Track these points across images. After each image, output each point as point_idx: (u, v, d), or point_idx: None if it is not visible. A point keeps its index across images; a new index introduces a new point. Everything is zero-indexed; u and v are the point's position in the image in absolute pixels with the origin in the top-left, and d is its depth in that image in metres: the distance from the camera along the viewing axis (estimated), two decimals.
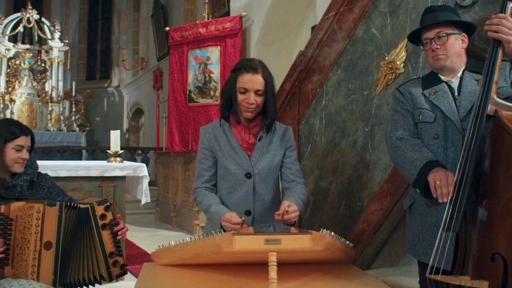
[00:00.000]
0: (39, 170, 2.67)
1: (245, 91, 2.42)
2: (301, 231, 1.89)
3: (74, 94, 14.34)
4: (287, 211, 2.27)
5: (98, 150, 12.27)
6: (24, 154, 2.47)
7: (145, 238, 6.91)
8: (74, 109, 14.41)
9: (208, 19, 7.63)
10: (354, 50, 3.47)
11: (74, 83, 14.61)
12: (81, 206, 2.38)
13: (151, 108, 12.37)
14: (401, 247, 3.79)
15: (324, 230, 1.90)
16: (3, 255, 2.22)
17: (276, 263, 1.77)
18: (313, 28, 6.91)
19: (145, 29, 14.29)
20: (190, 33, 7.54)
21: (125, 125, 15.11)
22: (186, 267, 2.12)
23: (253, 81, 2.41)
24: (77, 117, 14.40)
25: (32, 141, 2.55)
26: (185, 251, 1.99)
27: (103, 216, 2.38)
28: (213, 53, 7.32)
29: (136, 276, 4.85)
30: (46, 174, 2.72)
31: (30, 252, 2.22)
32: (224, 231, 2.05)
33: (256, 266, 2.09)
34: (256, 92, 2.42)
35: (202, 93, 7.34)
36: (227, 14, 7.88)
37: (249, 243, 1.79)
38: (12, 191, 2.44)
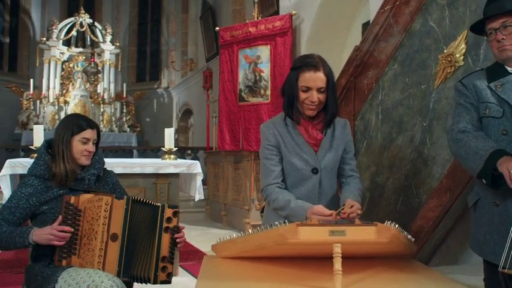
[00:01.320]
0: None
1: (307, 89, 2.41)
2: (366, 222, 1.86)
3: (124, 95, 14.64)
4: (352, 207, 2.28)
5: (148, 150, 12.50)
6: (90, 147, 2.53)
7: (196, 236, 6.97)
8: (124, 110, 14.71)
9: (257, 18, 7.64)
10: (410, 44, 3.41)
11: (124, 84, 14.92)
12: (153, 203, 2.43)
13: (201, 109, 12.48)
14: (459, 245, 3.70)
15: (389, 222, 1.88)
16: (69, 234, 2.28)
17: (340, 255, 1.75)
18: (364, 25, 6.84)
19: (193, 31, 14.44)
20: (240, 33, 7.57)
21: (174, 126, 15.30)
22: (245, 260, 2.12)
23: (315, 79, 2.39)
24: (127, 118, 14.69)
25: (98, 135, 2.61)
26: (247, 243, 1.99)
27: (169, 220, 2.42)
28: (263, 52, 7.32)
29: (190, 272, 4.96)
30: (111, 171, 2.79)
31: (97, 243, 2.28)
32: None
33: (317, 259, 2.08)
34: (319, 90, 2.40)
35: (252, 92, 7.36)
36: (276, 13, 7.88)
37: (313, 234, 1.77)
38: (81, 183, 2.51)
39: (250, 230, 2.00)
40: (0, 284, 4.55)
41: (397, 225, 1.89)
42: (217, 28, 8.11)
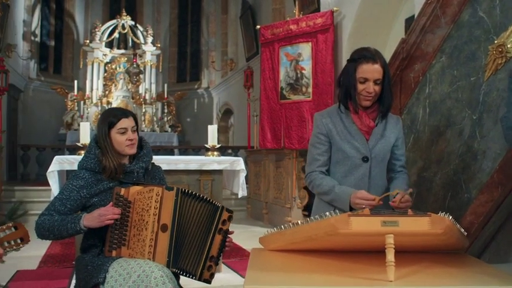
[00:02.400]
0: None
1: (365, 80, 2.47)
2: (419, 213, 1.82)
3: (166, 96, 14.80)
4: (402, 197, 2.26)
5: (189, 149, 12.60)
6: (130, 135, 2.56)
7: (238, 234, 6.91)
8: (166, 110, 14.87)
9: (298, 16, 7.60)
10: (459, 35, 3.32)
11: (165, 85, 15.08)
12: (207, 199, 2.45)
13: (241, 108, 12.51)
14: (510, 243, 3.59)
15: (442, 214, 1.83)
16: (118, 216, 2.32)
17: (393, 246, 1.72)
18: (407, 20, 6.73)
19: (233, 31, 14.49)
20: (281, 31, 7.54)
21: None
22: (293, 253, 2.11)
23: (372, 71, 2.45)
24: (169, 118, 14.84)
25: (136, 122, 2.63)
26: (296, 234, 1.97)
27: (224, 222, 2.45)
28: (305, 50, 7.28)
29: (232, 269, 4.97)
30: (159, 166, 2.83)
31: (148, 233, 2.30)
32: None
33: (365, 253, 2.04)
34: (375, 81, 2.46)
35: (294, 90, 7.33)
36: (316, 10, 7.82)
37: (365, 225, 1.74)
38: (130, 176, 2.55)
39: (299, 221, 1.97)
40: (49, 277, 4.66)
41: (450, 217, 1.85)
42: (258, 26, 8.10)
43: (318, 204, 2.66)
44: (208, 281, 2.45)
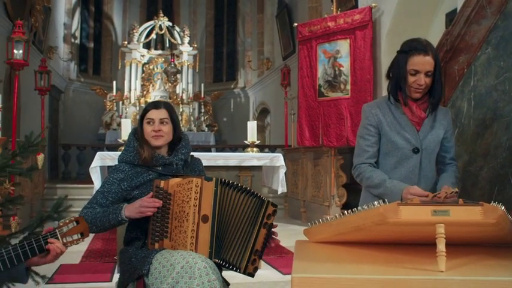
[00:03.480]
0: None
1: (416, 73, 2.43)
2: (470, 202, 1.77)
3: (202, 96, 14.90)
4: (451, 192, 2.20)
5: (226, 148, 12.65)
6: (156, 126, 2.57)
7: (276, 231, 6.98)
8: (202, 110, 14.98)
9: (336, 13, 7.54)
10: (505, 26, 3.23)
11: (202, 85, 15.19)
12: (252, 191, 2.43)
13: (278, 107, 12.50)
14: None
15: (495, 203, 1.77)
16: (159, 205, 2.33)
17: (444, 235, 1.67)
18: (448, 14, 6.60)
19: (269, 30, 14.49)
20: (319, 28, 7.50)
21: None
22: (338, 244, 2.07)
23: (424, 62, 2.41)
24: (205, 117, 14.94)
25: (170, 115, 2.64)
26: (344, 225, 1.94)
27: (269, 216, 2.42)
28: (343, 46, 7.22)
29: (271, 265, 4.96)
30: (198, 159, 2.83)
31: (189, 224, 2.29)
32: None
33: (413, 245, 2.00)
34: (427, 73, 2.43)
35: (332, 87, 7.27)
36: (354, 7, 7.75)
37: (415, 214, 1.70)
38: (169, 168, 2.56)
39: (346, 212, 1.95)
40: (91, 271, 4.74)
41: (503, 207, 1.79)
42: (295, 24, 8.08)
43: (365, 197, 2.63)
44: (252, 275, 2.44)
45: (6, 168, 3.26)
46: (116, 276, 4.52)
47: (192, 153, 2.79)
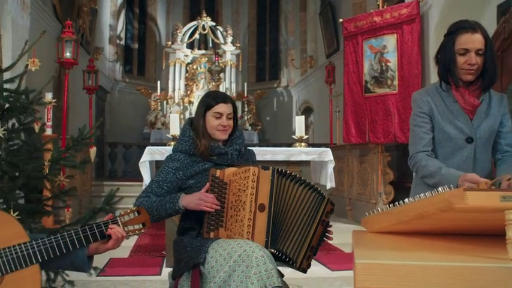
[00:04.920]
0: None
1: (465, 52, 2.32)
2: None
3: (245, 95, 14.93)
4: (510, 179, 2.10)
5: (270, 147, 12.61)
6: (224, 121, 2.55)
7: None
8: (246, 109, 15.01)
9: (382, 7, 7.42)
10: None
11: (245, 84, 15.22)
12: (319, 189, 2.39)
13: (321, 105, 12.42)
14: None
15: None
16: (218, 207, 2.32)
17: None
18: (500, 6, 6.40)
19: (312, 28, 14.41)
20: (365, 23, 7.39)
21: (294, 124, 15.34)
22: (396, 234, 2.01)
23: (473, 40, 2.30)
24: (249, 116, 14.97)
25: (235, 110, 2.63)
26: (405, 213, 1.88)
27: (327, 214, 2.39)
28: (389, 41, 7.10)
29: (319, 262, 4.90)
30: (252, 150, 2.81)
31: (245, 213, 2.27)
32: None
33: (475, 236, 1.93)
34: (477, 52, 2.31)
35: (378, 83, 7.15)
36: (401, 1, 7.61)
37: (482, 199, 1.63)
38: (224, 158, 2.55)
39: (407, 200, 1.89)
40: (140, 265, 4.80)
41: None
42: (340, 20, 7.98)
43: (416, 187, 2.55)
44: (305, 271, 2.40)
45: (60, 161, 3.32)
46: (165, 270, 4.56)
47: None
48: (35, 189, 3.28)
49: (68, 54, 6.76)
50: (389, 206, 1.98)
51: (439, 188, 1.74)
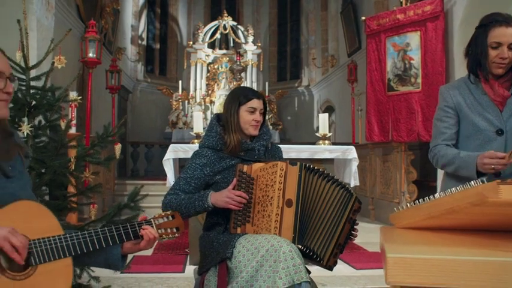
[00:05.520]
0: None
1: (497, 45, 2.30)
2: None
3: (267, 94, 14.91)
4: None
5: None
6: (257, 116, 2.56)
7: None
8: (267, 109, 14.96)
9: (405, 5, 7.35)
10: None
11: (266, 84, 15.20)
12: (347, 186, 2.37)
13: (343, 104, 12.36)
14: None
15: None
16: (245, 200, 2.32)
17: None
18: None
19: (333, 27, 14.36)
20: (387, 21, 7.33)
21: (315, 123, 15.31)
22: (425, 230, 1.99)
23: (506, 34, 2.28)
24: (270, 116, 14.94)
25: (265, 105, 2.62)
26: (436, 207, 1.85)
27: (355, 212, 2.36)
28: (413, 39, 7.03)
29: (343, 260, 4.87)
30: (278, 146, 2.81)
31: (273, 208, 2.26)
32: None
33: (504, 232, 1.90)
34: (509, 46, 2.29)
35: (402, 81, 7.09)
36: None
37: None
38: (251, 153, 2.54)
39: (437, 194, 1.86)
40: (164, 262, 4.82)
41: None
42: (363, 18, 7.92)
43: (446, 182, 2.51)
44: (331, 268, 2.37)
45: (85, 158, 3.35)
46: (188, 268, 4.57)
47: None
48: (60, 186, 3.31)
49: (91, 54, 6.81)
50: (418, 201, 1.96)
51: (472, 182, 1.72)
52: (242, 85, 14.64)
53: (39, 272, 1.64)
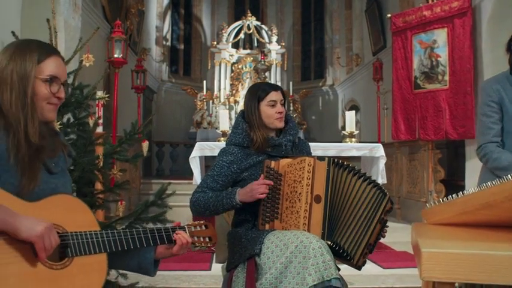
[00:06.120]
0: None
1: None
2: None
3: (291, 94, 14.88)
4: None
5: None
6: (279, 108, 2.54)
7: None
8: (291, 108, 14.95)
9: (432, 1, 7.25)
10: None
11: (290, 83, 15.16)
12: (380, 185, 2.34)
13: (368, 103, 12.26)
14: None
15: None
16: (270, 183, 2.30)
17: None
18: None
19: (358, 25, 14.26)
20: (414, 18, 7.24)
21: (340, 123, 15.22)
22: (458, 226, 1.95)
23: None
24: (294, 115, 14.90)
25: (283, 96, 2.61)
26: (470, 202, 1.81)
27: (386, 212, 2.32)
28: (440, 36, 6.93)
29: (370, 260, 4.81)
30: (306, 141, 2.79)
31: (302, 205, 2.24)
32: None
33: None
34: None
35: (429, 79, 6.99)
36: None
37: None
38: (278, 149, 2.53)
39: (471, 189, 1.82)
40: (190, 260, 4.83)
41: None
42: (388, 15, 7.84)
43: (484, 174, 2.46)
44: (360, 268, 2.34)
45: (113, 155, 3.36)
46: (215, 266, 4.57)
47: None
48: (89, 183, 3.33)
49: (117, 54, 6.85)
50: (452, 197, 1.92)
51: (509, 175, 1.67)
52: None
53: (75, 264, 1.67)
